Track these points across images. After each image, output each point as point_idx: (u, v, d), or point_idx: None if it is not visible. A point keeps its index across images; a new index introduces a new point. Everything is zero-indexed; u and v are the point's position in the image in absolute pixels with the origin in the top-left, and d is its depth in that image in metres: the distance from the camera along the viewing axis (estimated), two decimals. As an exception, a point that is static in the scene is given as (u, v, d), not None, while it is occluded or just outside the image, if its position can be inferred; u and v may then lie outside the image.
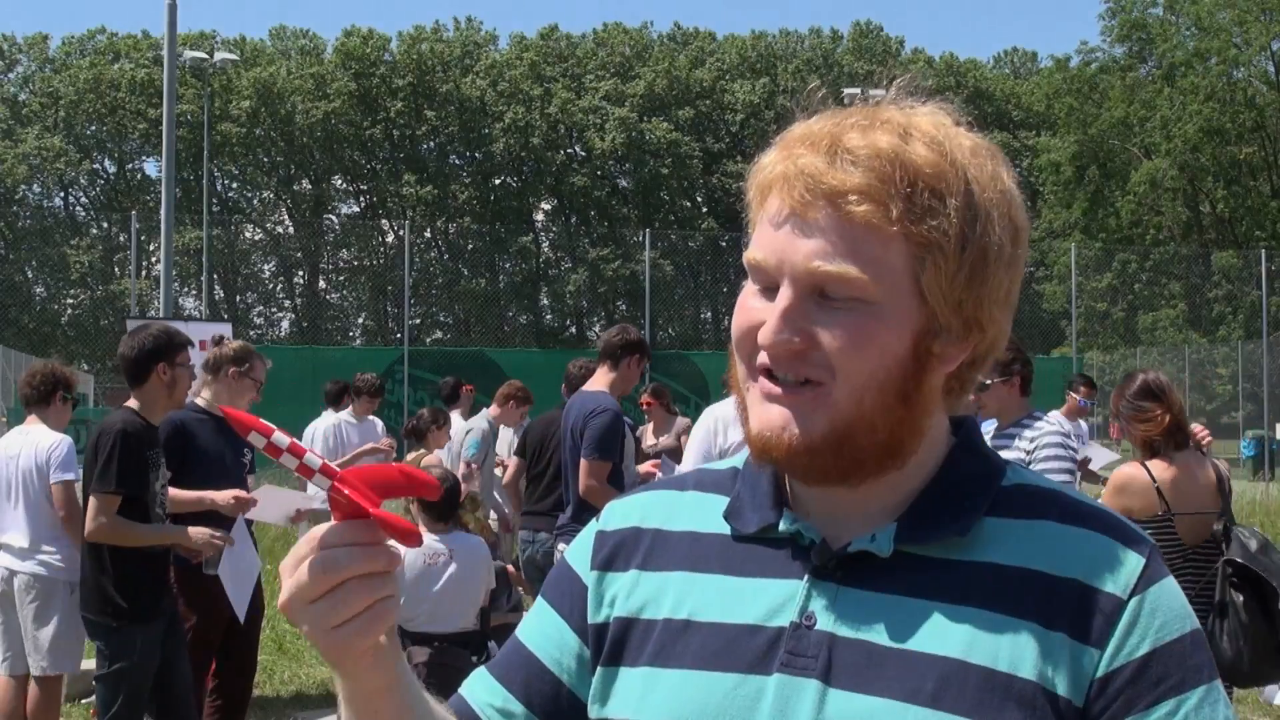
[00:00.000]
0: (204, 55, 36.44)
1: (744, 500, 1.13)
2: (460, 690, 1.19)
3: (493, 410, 8.97)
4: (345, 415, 9.72)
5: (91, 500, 4.62)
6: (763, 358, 1.02)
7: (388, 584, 0.95)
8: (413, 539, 0.96)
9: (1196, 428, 5.02)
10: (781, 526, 1.09)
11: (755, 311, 1.04)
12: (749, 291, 1.06)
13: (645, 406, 9.86)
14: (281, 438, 0.97)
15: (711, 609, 1.08)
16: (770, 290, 1.03)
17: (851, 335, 1.00)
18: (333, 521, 0.96)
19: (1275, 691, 7.40)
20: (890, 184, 0.99)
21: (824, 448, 1.01)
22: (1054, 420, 5.29)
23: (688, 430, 8.87)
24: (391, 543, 0.97)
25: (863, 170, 0.99)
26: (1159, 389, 4.62)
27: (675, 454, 8.78)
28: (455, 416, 9.45)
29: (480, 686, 1.18)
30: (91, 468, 4.68)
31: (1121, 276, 41.75)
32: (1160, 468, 4.56)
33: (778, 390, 1.02)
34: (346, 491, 0.95)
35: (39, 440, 5.77)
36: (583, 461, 5.51)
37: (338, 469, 0.97)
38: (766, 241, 1.03)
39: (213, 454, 5.32)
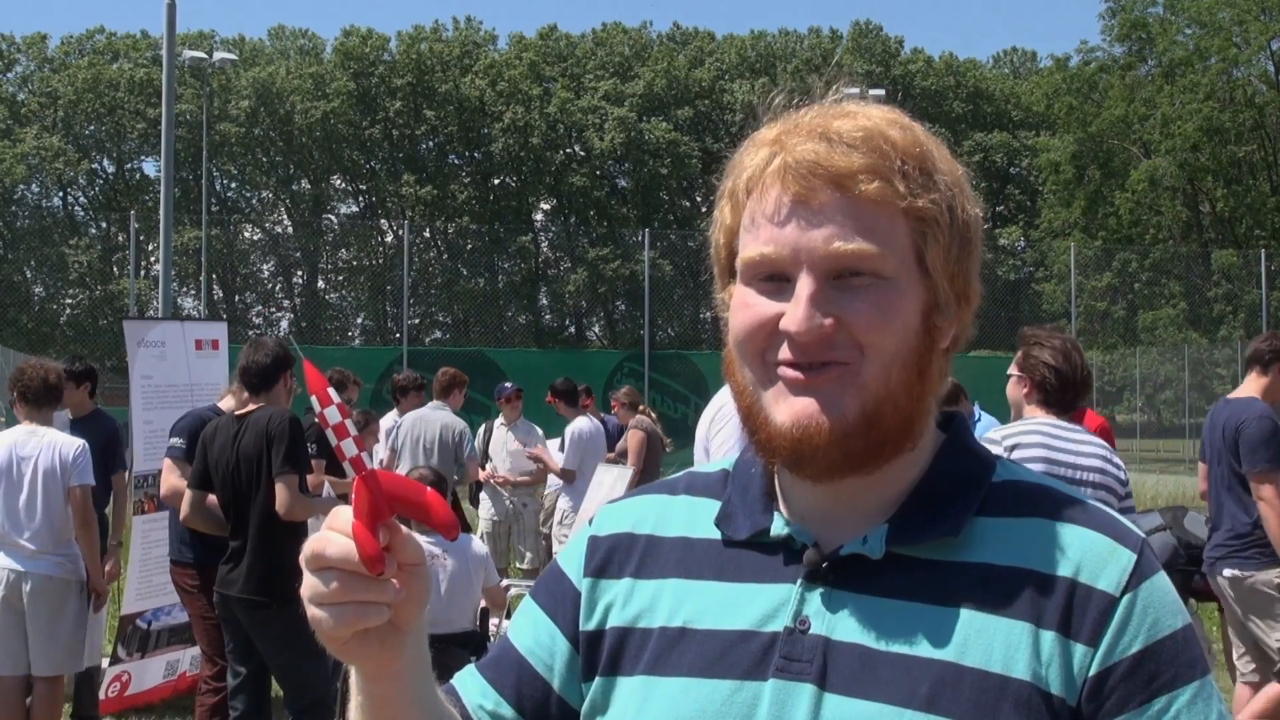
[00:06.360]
0: (203, 55, 36.44)
1: (735, 505, 1.13)
2: (454, 682, 1.19)
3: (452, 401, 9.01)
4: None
5: (284, 481, 4.95)
6: (784, 351, 1.02)
7: (371, 612, 0.93)
8: (377, 567, 0.92)
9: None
10: (773, 531, 1.08)
11: (763, 307, 1.03)
12: (745, 292, 1.05)
13: (614, 408, 9.82)
14: (334, 413, 0.96)
15: (706, 616, 1.08)
16: (775, 284, 1.03)
17: (877, 311, 1.01)
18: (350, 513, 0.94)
19: (1275, 691, 7.40)
20: (890, 161, 1.01)
21: (858, 428, 1.01)
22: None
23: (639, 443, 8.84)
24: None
25: (862, 151, 1.01)
26: None
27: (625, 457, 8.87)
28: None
29: (473, 687, 1.17)
30: (264, 455, 5.03)
31: (1121, 276, 41.67)
32: None
33: (806, 377, 1.01)
34: (352, 499, 0.94)
35: (56, 442, 5.69)
36: None
37: (369, 467, 0.94)
38: (772, 236, 1.03)
39: None
